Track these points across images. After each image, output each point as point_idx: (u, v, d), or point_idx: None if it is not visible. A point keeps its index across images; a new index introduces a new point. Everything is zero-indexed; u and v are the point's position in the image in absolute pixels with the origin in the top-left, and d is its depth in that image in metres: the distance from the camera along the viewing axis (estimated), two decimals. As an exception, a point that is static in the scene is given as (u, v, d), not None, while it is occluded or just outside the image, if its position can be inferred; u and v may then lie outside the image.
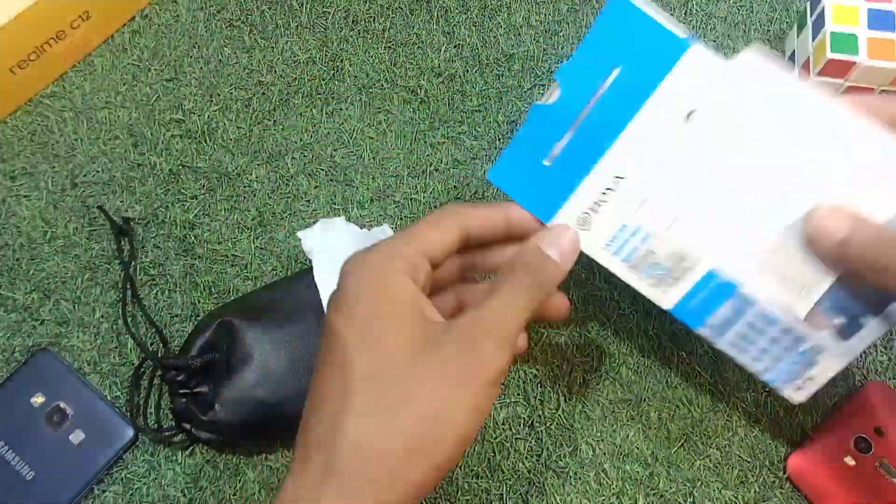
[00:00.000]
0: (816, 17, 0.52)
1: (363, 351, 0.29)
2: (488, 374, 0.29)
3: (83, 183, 0.52)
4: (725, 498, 0.45)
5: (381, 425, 0.28)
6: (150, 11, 0.57)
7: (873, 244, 0.30)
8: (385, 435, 0.28)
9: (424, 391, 0.28)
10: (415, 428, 0.28)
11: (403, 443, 0.28)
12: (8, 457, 0.44)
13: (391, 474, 0.28)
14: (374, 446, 0.28)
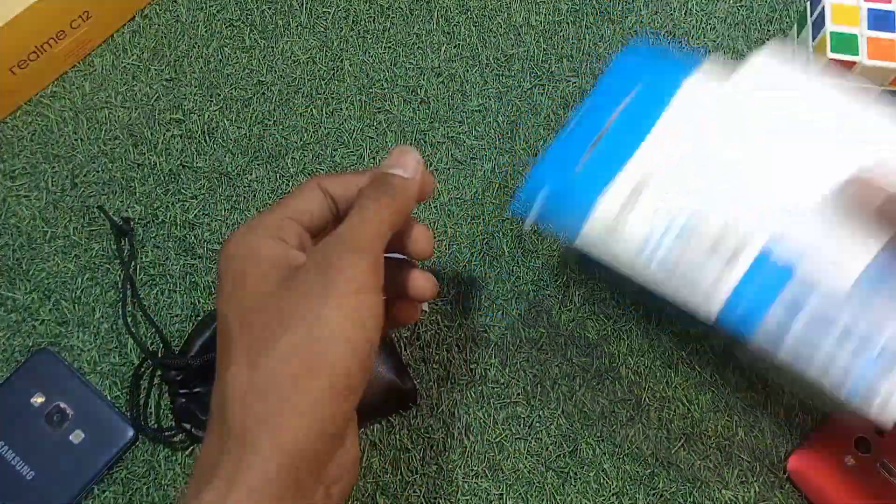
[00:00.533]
0: (816, 17, 0.52)
1: (235, 312, 0.30)
2: (349, 281, 0.29)
3: (83, 183, 0.52)
4: (725, 498, 0.45)
5: (256, 365, 0.28)
6: (150, 11, 0.57)
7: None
8: (263, 373, 0.28)
9: (292, 319, 0.28)
10: (289, 355, 0.28)
11: (282, 373, 0.28)
12: (8, 456, 0.44)
13: (280, 409, 0.27)
14: (257, 388, 0.28)
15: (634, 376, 0.48)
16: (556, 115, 0.55)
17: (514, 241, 0.51)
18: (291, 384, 0.28)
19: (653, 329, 0.49)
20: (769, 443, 0.46)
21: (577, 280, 0.50)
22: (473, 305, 0.49)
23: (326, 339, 0.28)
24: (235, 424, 0.28)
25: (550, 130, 0.54)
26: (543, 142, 0.54)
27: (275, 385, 0.28)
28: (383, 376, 0.44)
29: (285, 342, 0.28)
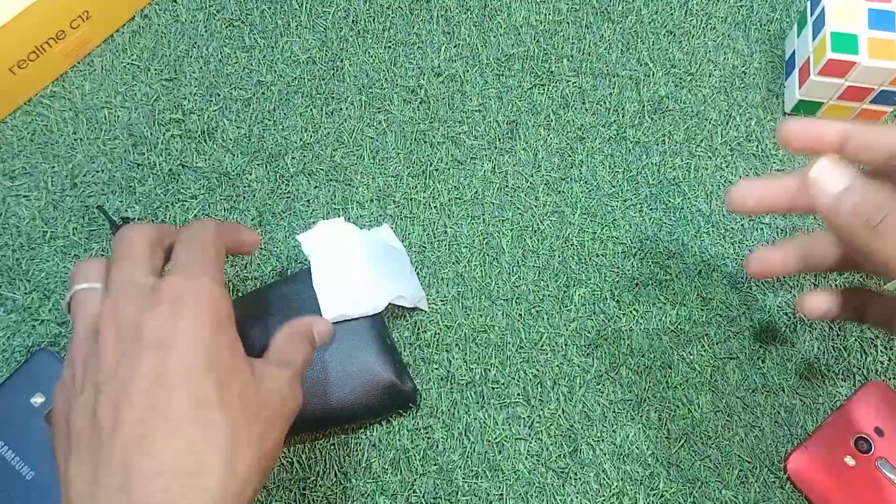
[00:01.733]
0: (817, 16, 0.52)
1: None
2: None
3: (83, 183, 0.52)
4: (725, 498, 0.45)
5: None
6: (149, 11, 0.57)
7: (869, 200, 0.30)
8: None
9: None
10: None
11: None
12: (8, 457, 0.44)
13: None
14: None
15: (634, 376, 0.48)
16: (556, 115, 0.55)
17: (514, 241, 0.51)
18: None
19: (653, 329, 0.49)
20: (769, 443, 0.46)
21: (577, 280, 0.50)
22: (473, 305, 0.49)
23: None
24: None
25: (550, 130, 0.54)
26: (543, 142, 0.54)
27: None
28: (383, 376, 0.44)
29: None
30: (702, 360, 0.48)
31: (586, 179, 0.53)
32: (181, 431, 0.29)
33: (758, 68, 0.57)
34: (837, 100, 0.53)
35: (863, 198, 0.31)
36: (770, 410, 0.47)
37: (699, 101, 0.55)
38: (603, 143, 0.54)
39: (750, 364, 0.48)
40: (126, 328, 0.31)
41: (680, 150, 0.54)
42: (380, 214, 0.51)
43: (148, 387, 0.30)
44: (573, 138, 0.54)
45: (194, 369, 0.30)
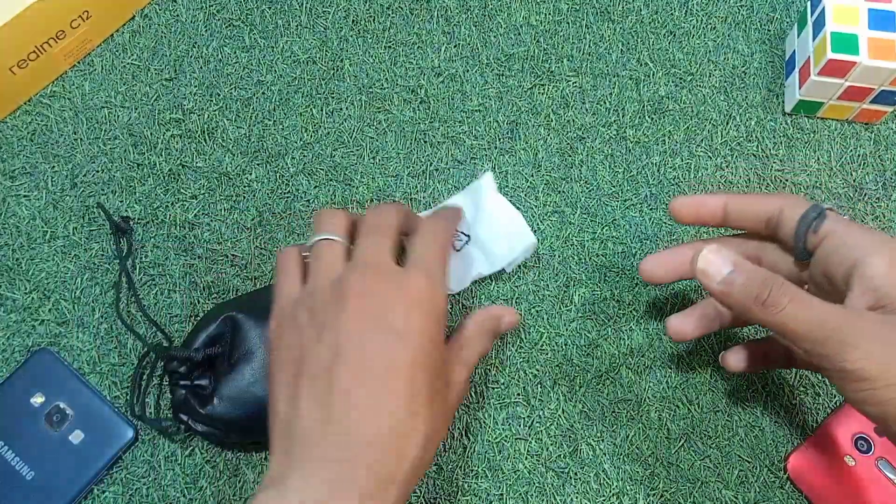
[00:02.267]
0: (817, 17, 0.52)
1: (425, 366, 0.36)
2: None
3: (83, 183, 0.52)
4: (726, 498, 0.45)
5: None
6: (149, 11, 0.57)
7: (753, 279, 0.33)
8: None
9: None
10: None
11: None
12: (8, 456, 0.44)
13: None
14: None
15: (634, 376, 0.48)
16: (556, 115, 0.55)
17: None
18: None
19: (653, 329, 0.49)
20: (769, 443, 0.46)
21: (577, 280, 0.50)
22: (473, 306, 0.49)
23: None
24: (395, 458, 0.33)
25: (550, 130, 0.54)
26: (543, 142, 0.54)
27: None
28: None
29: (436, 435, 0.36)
30: (701, 360, 0.48)
31: (586, 179, 0.53)
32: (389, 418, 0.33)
33: (758, 68, 0.57)
34: (837, 100, 0.53)
35: (747, 278, 0.34)
36: (770, 410, 0.47)
37: (699, 101, 0.55)
38: (603, 142, 0.54)
39: (750, 364, 0.48)
40: (370, 307, 0.34)
41: (680, 150, 0.54)
42: (380, 214, 0.51)
43: (378, 371, 0.33)
44: (573, 138, 0.54)
45: (418, 365, 0.33)
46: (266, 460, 0.45)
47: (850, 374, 0.31)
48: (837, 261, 0.35)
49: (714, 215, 0.40)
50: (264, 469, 0.45)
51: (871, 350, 0.30)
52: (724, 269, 0.34)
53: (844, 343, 0.31)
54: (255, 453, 0.45)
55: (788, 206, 0.37)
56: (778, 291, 0.32)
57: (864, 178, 0.54)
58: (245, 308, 0.44)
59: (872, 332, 0.31)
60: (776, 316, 0.32)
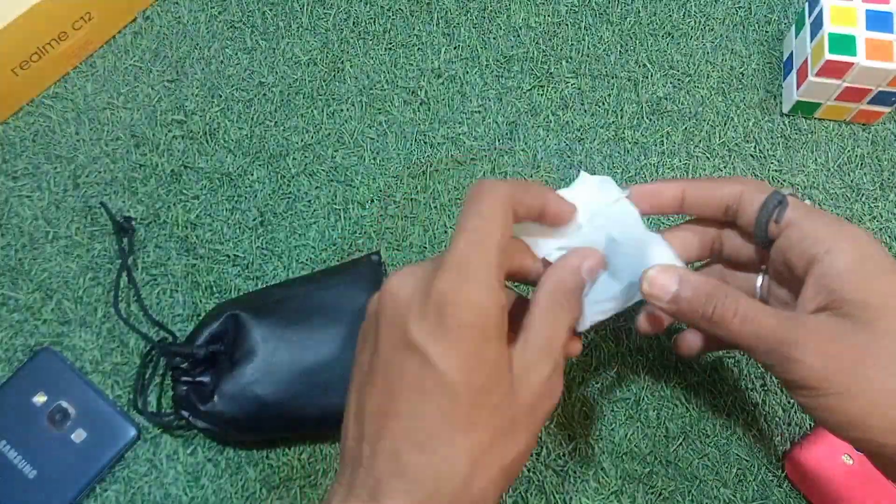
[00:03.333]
0: (815, 18, 0.53)
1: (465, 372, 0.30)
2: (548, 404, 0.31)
3: (85, 183, 0.52)
4: (724, 496, 0.45)
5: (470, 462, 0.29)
6: (151, 12, 0.57)
7: (699, 295, 0.33)
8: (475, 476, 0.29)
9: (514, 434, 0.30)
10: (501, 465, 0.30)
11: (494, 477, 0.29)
12: (10, 455, 0.44)
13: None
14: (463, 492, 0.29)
15: (634, 376, 0.48)
16: (555, 116, 0.55)
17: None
18: (494, 483, 0.29)
19: (652, 328, 0.49)
20: (767, 441, 0.47)
21: (576, 280, 0.50)
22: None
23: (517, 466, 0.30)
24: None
25: (550, 131, 0.54)
26: (543, 142, 0.54)
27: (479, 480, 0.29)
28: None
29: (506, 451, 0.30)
30: (701, 359, 0.48)
31: (585, 180, 0.53)
32: (427, 446, 0.29)
33: (756, 69, 0.57)
34: (835, 100, 0.53)
35: (693, 294, 0.33)
36: (769, 409, 0.47)
37: (697, 102, 0.56)
38: (602, 143, 0.54)
39: (749, 363, 0.48)
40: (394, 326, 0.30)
41: (678, 151, 0.54)
42: (380, 214, 0.52)
43: (408, 393, 0.29)
44: (572, 139, 0.54)
45: (448, 385, 0.28)
46: (267, 458, 0.46)
47: (796, 384, 0.31)
48: (797, 254, 0.34)
49: (672, 204, 0.38)
50: (265, 467, 0.45)
51: (814, 361, 0.30)
52: (671, 288, 0.33)
53: (788, 355, 0.31)
54: (256, 451, 0.46)
55: (748, 192, 0.36)
56: (722, 306, 0.32)
57: (861, 179, 0.54)
58: (248, 307, 0.45)
59: (817, 341, 0.31)
60: (724, 330, 0.32)
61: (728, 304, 0.32)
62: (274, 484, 0.45)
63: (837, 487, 0.44)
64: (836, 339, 0.31)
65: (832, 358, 0.30)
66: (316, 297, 0.45)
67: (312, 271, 0.49)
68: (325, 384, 0.43)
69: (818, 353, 0.30)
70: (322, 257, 0.50)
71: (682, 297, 0.33)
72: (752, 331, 0.32)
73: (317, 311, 0.45)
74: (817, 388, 0.30)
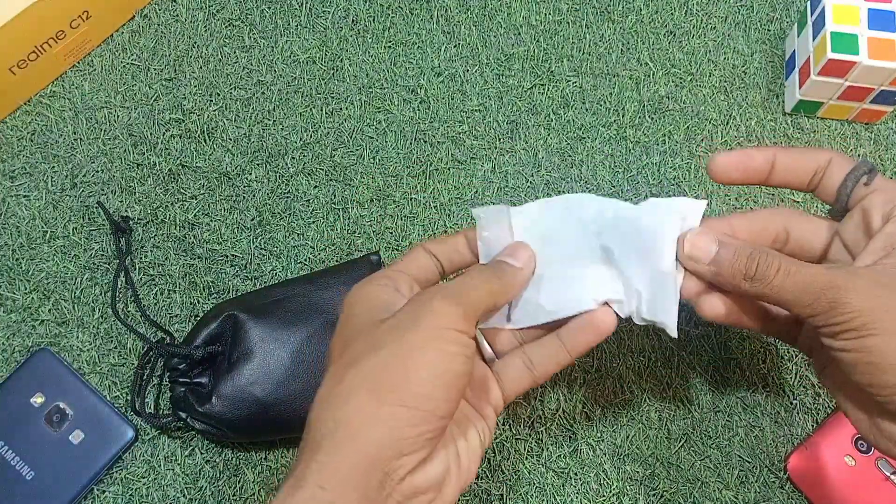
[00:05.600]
0: (817, 16, 0.52)
1: (338, 343, 0.33)
2: (437, 316, 0.31)
3: (83, 183, 0.52)
4: (726, 498, 0.45)
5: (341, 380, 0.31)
6: (149, 11, 0.57)
7: (740, 254, 0.33)
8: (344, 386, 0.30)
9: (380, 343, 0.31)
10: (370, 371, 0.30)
11: (360, 386, 0.30)
12: (8, 457, 0.44)
13: (351, 417, 0.30)
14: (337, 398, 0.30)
15: (634, 376, 0.48)
16: (556, 115, 0.55)
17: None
18: (368, 396, 0.30)
19: (653, 329, 0.49)
20: (769, 443, 0.46)
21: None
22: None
23: (407, 361, 0.30)
24: (312, 430, 0.30)
25: (550, 130, 0.54)
26: (543, 142, 0.54)
27: (353, 396, 0.30)
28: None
29: (369, 361, 0.31)
30: (702, 360, 0.48)
31: (586, 179, 0.53)
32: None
33: (758, 68, 0.57)
34: (837, 100, 0.53)
35: (735, 255, 0.33)
36: (770, 410, 0.47)
37: (699, 100, 0.55)
38: (603, 142, 0.54)
39: (750, 364, 0.48)
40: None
41: (680, 150, 0.54)
42: (380, 214, 0.51)
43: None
44: (573, 138, 0.54)
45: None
46: (265, 460, 0.45)
47: (838, 329, 0.31)
48: (879, 212, 0.34)
49: (761, 171, 0.37)
50: (263, 469, 0.45)
51: (862, 302, 0.30)
52: (712, 249, 0.34)
53: (835, 299, 0.30)
54: (254, 452, 0.45)
55: (838, 157, 0.36)
56: (765, 263, 0.32)
57: (864, 178, 0.54)
58: (246, 307, 0.44)
59: (866, 285, 0.31)
60: (765, 288, 0.32)
61: (771, 261, 0.32)
62: (272, 486, 0.45)
63: (839, 489, 0.44)
64: (887, 284, 0.31)
65: (879, 298, 0.30)
66: (315, 297, 0.45)
67: (311, 271, 0.48)
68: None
69: (867, 296, 0.30)
70: (321, 257, 0.50)
71: (724, 258, 0.33)
72: (798, 280, 0.32)
73: (315, 312, 0.44)
74: (860, 328, 0.30)
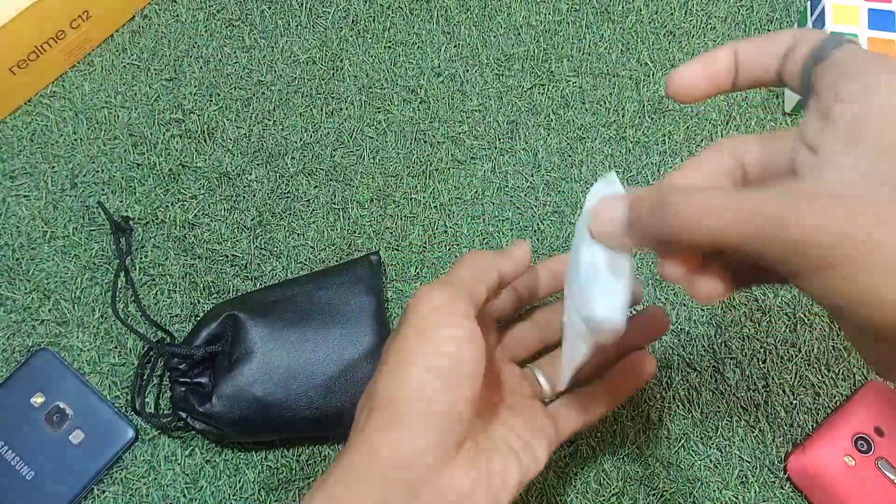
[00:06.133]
0: (817, 17, 0.52)
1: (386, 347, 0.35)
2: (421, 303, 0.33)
3: (83, 183, 0.52)
4: (725, 498, 0.45)
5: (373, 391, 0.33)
6: (149, 11, 0.57)
7: (652, 208, 0.27)
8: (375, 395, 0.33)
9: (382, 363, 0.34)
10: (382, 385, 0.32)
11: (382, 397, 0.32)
12: (8, 456, 0.44)
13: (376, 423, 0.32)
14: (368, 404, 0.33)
15: (634, 376, 0.48)
16: (556, 115, 0.55)
17: (513, 241, 0.51)
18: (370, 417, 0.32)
19: (653, 329, 0.49)
20: (769, 443, 0.46)
21: (577, 280, 0.50)
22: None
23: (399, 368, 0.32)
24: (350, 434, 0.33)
25: (550, 130, 0.54)
26: (543, 142, 0.54)
27: (377, 405, 0.32)
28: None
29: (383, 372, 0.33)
30: (702, 360, 0.48)
31: (586, 179, 0.53)
32: None
33: (758, 68, 0.57)
34: (837, 100, 0.53)
35: (644, 207, 0.28)
36: (770, 410, 0.47)
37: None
38: (603, 143, 0.54)
39: (750, 364, 0.48)
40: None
41: (680, 151, 0.54)
42: (380, 214, 0.51)
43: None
44: (573, 138, 0.54)
45: None
46: (266, 460, 0.45)
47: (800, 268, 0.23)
48: (830, 94, 0.26)
49: (727, 72, 0.30)
50: (264, 469, 0.45)
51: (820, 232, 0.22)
52: (618, 213, 0.29)
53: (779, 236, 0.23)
54: (254, 452, 0.45)
55: (806, 35, 0.28)
56: (675, 203, 0.26)
57: (864, 178, 0.54)
58: (247, 307, 0.44)
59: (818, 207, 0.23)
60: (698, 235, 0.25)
61: (684, 199, 0.25)
62: (273, 486, 0.45)
63: (839, 489, 0.44)
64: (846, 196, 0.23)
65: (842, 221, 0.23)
66: (315, 297, 0.45)
67: (311, 271, 0.48)
68: (325, 385, 0.43)
69: (824, 220, 0.23)
70: (321, 257, 0.50)
71: (635, 216, 0.28)
72: (729, 217, 0.24)
73: (316, 312, 0.44)
74: (826, 268, 0.23)
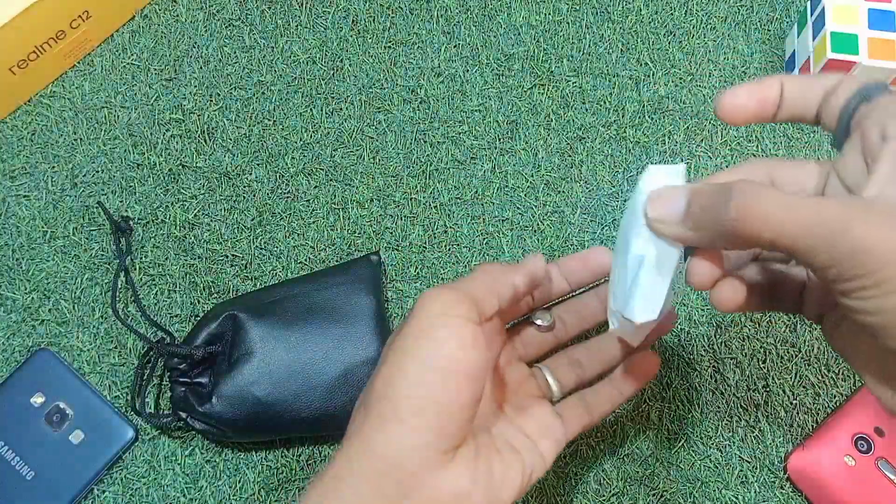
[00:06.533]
0: (817, 16, 0.52)
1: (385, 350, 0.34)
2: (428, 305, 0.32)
3: (83, 183, 0.52)
4: (726, 498, 0.45)
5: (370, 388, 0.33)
6: (149, 11, 0.57)
7: (718, 195, 0.27)
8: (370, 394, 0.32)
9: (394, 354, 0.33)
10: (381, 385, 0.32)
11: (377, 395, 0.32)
12: (8, 456, 0.44)
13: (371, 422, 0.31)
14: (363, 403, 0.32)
15: (634, 376, 0.48)
16: (556, 115, 0.55)
17: (514, 241, 0.51)
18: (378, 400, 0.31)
19: (653, 329, 0.49)
20: (769, 443, 0.46)
21: (577, 280, 0.50)
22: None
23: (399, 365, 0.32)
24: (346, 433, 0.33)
25: (550, 130, 0.54)
26: (543, 142, 0.54)
27: (374, 402, 0.32)
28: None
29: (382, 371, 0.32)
30: (702, 360, 0.48)
31: (586, 179, 0.53)
32: None
33: (758, 68, 0.57)
34: (837, 100, 0.53)
35: (709, 198, 0.28)
36: (770, 410, 0.47)
37: (699, 100, 0.55)
38: (603, 143, 0.54)
39: (750, 364, 0.48)
40: None
41: (680, 150, 0.54)
42: (380, 214, 0.51)
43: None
44: (573, 138, 0.54)
45: None
46: (266, 460, 0.45)
47: (857, 283, 0.25)
48: (876, 132, 0.27)
49: (774, 100, 0.31)
50: (264, 469, 0.45)
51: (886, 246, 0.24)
52: (680, 202, 0.29)
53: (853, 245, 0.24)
54: (254, 452, 0.45)
55: (847, 80, 0.29)
56: (754, 196, 0.26)
57: (864, 178, 0.54)
58: (246, 307, 0.44)
59: (882, 222, 0.24)
60: (763, 229, 0.26)
61: (761, 193, 0.26)
62: (273, 486, 0.45)
63: (839, 489, 0.44)
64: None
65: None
66: (315, 297, 0.45)
67: (311, 271, 0.48)
68: (325, 385, 0.43)
69: (887, 237, 0.24)
70: (321, 257, 0.50)
71: (697, 205, 0.28)
72: (803, 215, 0.25)
73: (316, 312, 0.44)
74: (885, 282, 0.24)
